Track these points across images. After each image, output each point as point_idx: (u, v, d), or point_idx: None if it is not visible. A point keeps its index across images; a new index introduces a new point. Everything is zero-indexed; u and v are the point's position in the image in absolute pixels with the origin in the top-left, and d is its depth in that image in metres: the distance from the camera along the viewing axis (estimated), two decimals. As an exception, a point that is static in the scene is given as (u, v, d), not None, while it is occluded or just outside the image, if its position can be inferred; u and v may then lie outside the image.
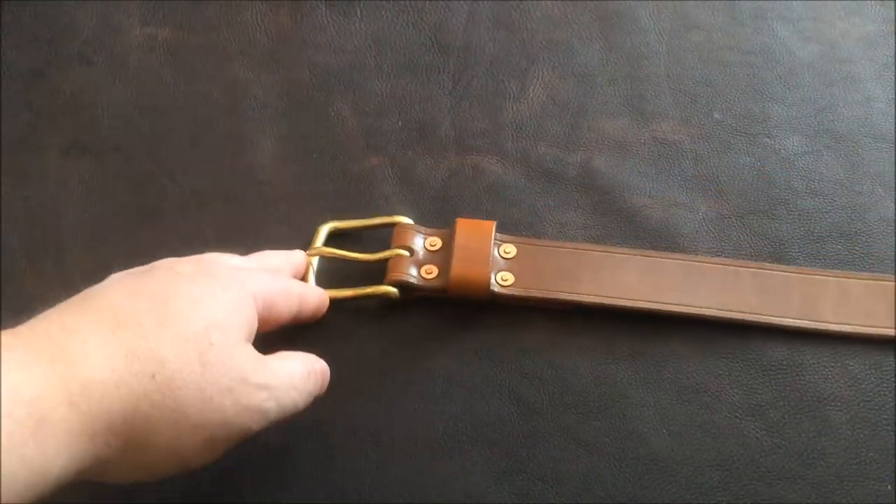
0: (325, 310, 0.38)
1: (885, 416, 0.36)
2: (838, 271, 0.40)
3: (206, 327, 0.29)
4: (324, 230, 0.41)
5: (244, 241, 0.41)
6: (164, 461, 0.28)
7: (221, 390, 0.28)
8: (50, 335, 0.26)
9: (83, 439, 0.25)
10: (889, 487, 0.34)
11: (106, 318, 0.27)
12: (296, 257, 0.39)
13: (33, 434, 0.24)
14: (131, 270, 0.32)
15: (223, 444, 0.29)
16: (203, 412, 0.28)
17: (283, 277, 0.36)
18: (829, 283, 0.39)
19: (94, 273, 0.39)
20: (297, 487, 0.35)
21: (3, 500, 0.23)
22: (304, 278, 0.39)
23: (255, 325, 0.31)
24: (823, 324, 0.38)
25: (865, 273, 0.40)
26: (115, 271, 0.32)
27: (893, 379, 0.37)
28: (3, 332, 0.26)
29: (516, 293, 0.38)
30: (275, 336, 0.34)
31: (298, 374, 0.32)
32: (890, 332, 0.38)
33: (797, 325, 0.38)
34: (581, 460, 0.35)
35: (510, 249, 0.40)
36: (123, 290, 0.29)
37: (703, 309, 0.38)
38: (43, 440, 0.24)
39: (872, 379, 0.37)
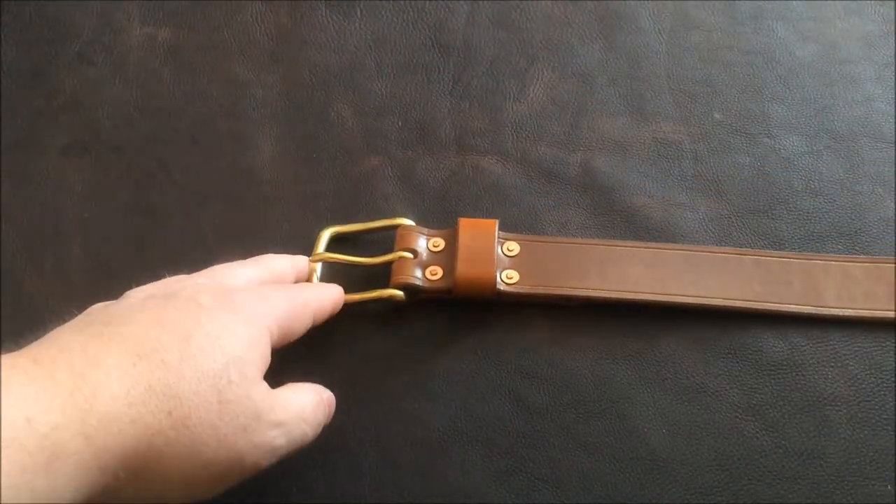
0: (340, 306, 0.37)
1: (885, 416, 0.36)
2: (838, 255, 0.40)
3: (225, 364, 0.28)
4: (325, 235, 0.41)
5: (244, 241, 0.41)
6: (173, 493, 0.28)
7: (236, 429, 0.28)
8: (72, 365, 0.26)
9: (94, 472, 0.25)
10: (889, 487, 0.34)
11: (128, 349, 0.27)
12: (299, 263, 0.38)
13: (45, 466, 0.24)
14: (152, 291, 0.32)
15: (233, 479, 0.29)
16: (216, 450, 0.28)
17: (299, 291, 0.35)
18: (831, 268, 0.40)
19: (94, 273, 0.40)
20: (297, 487, 0.35)
21: None
22: None
23: (268, 360, 0.31)
24: (826, 308, 0.38)
25: (864, 256, 0.40)
26: (114, 271, 0.32)
27: (893, 379, 0.37)
28: (23, 357, 0.25)
29: (522, 291, 0.38)
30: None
31: (309, 407, 0.32)
32: (890, 314, 0.38)
33: (801, 311, 0.38)
34: (581, 460, 0.35)
35: (513, 247, 0.40)
36: (147, 318, 0.29)
37: (709, 299, 0.38)
38: (54, 472, 0.24)
39: (872, 379, 0.37)
